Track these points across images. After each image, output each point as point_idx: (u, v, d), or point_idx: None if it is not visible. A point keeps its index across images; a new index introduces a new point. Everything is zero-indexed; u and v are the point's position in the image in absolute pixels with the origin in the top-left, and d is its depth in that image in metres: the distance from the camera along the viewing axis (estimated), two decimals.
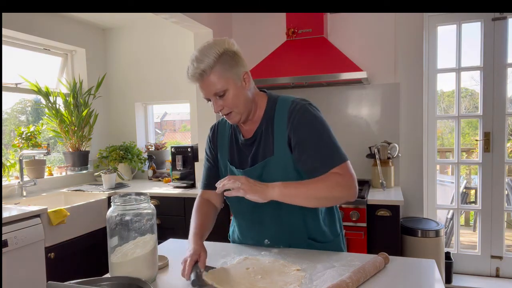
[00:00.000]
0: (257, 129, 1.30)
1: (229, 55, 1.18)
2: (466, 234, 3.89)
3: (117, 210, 1.07)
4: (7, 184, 2.73)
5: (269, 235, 1.33)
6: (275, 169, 1.24)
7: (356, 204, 2.36)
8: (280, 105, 1.28)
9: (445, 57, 2.93)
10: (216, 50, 1.16)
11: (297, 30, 2.77)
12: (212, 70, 1.15)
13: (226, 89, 1.18)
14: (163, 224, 2.77)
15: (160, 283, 1.10)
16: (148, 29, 3.56)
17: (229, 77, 1.18)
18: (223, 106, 1.21)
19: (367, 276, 1.06)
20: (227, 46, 1.19)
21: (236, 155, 1.34)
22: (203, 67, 1.15)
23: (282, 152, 1.24)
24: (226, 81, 1.17)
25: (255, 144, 1.30)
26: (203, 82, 1.18)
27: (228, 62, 1.17)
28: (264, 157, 1.26)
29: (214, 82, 1.16)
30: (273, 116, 1.27)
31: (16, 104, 3.34)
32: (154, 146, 3.64)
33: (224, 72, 1.17)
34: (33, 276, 2.15)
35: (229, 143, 1.37)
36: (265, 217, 1.31)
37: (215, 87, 1.17)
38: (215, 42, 1.19)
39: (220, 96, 1.19)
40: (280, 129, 1.25)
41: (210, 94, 1.19)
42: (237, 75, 1.20)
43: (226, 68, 1.17)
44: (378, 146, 2.74)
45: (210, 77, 1.16)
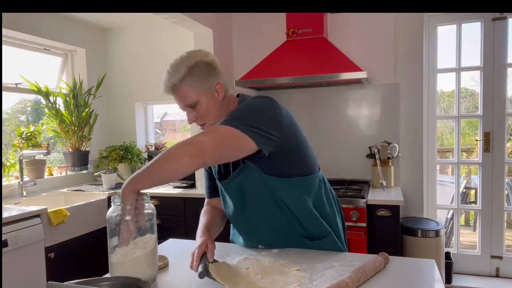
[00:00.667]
0: None
1: (201, 67, 1.19)
2: (466, 234, 3.89)
3: (117, 210, 1.07)
4: (7, 184, 2.73)
5: (262, 241, 1.34)
6: (252, 176, 1.22)
7: (356, 204, 2.37)
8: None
9: (445, 57, 2.93)
10: (187, 63, 1.17)
11: (297, 30, 2.77)
12: (182, 83, 1.17)
13: (197, 101, 1.19)
14: (163, 224, 2.77)
15: (160, 283, 1.10)
16: (148, 29, 3.56)
17: (199, 89, 1.19)
18: (196, 117, 1.23)
19: (367, 276, 1.06)
20: (199, 58, 1.20)
21: (221, 166, 1.33)
22: (174, 80, 1.17)
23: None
24: (197, 93, 1.19)
25: None
26: (176, 95, 1.20)
27: (199, 74, 1.18)
28: (238, 165, 1.24)
29: (185, 94, 1.18)
30: None
31: (16, 104, 3.34)
32: (154, 146, 3.64)
33: (194, 84, 1.18)
34: (33, 276, 2.15)
35: None
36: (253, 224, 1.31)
37: (185, 99, 1.19)
38: (188, 54, 1.21)
39: (192, 107, 1.21)
40: None
41: (183, 106, 1.22)
42: (208, 87, 1.20)
43: (197, 80, 1.18)
44: (378, 146, 2.74)
45: (181, 90, 1.18)
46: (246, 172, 1.23)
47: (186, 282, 1.09)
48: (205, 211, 1.40)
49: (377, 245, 2.37)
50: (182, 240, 1.51)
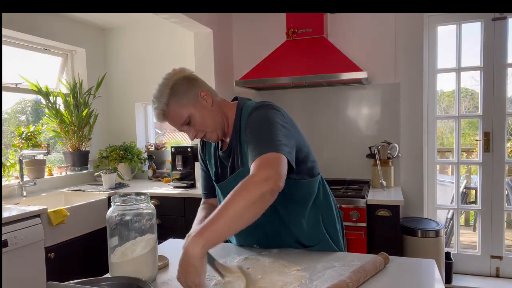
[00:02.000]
0: (230, 140, 1.28)
1: (180, 84, 1.19)
2: (466, 234, 3.89)
3: (117, 210, 1.07)
4: (7, 184, 2.73)
5: (256, 240, 1.34)
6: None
7: (356, 204, 2.37)
8: (244, 114, 1.24)
9: (445, 57, 2.93)
10: (167, 86, 1.19)
11: (297, 30, 2.77)
12: (168, 106, 1.18)
13: (189, 115, 1.19)
14: (163, 224, 2.77)
15: (160, 283, 1.10)
16: (148, 29, 3.56)
17: (186, 103, 1.19)
18: (196, 131, 1.22)
19: (367, 276, 1.06)
20: (176, 76, 1.21)
21: (219, 168, 1.35)
22: (161, 107, 1.18)
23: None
24: (186, 109, 1.19)
25: (231, 156, 1.29)
26: (168, 119, 1.21)
27: (180, 90, 1.19)
28: (235, 170, 1.27)
29: (175, 114, 1.19)
30: (239, 126, 1.25)
31: (16, 104, 3.34)
32: (154, 146, 3.64)
33: (180, 101, 1.18)
34: (33, 276, 2.15)
35: (213, 156, 1.38)
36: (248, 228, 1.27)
37: (178, 119, 1.20)
38: (165, 77, 1.22)
39: (188, 124, 1.21)
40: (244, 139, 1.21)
41: (179, 126, 1.22)
42: (194, 98, 1.20)
43: (181, 97, 1.18)
44: (378, 146, 2.74)
45: (170, 113, 1.19)
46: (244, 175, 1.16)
47: None
48: (202, 208, 1.43)
49: (377, 245, 2.37)
50: (182, 240, 1.49)
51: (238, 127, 1.25)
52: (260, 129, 1.11)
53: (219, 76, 2.99)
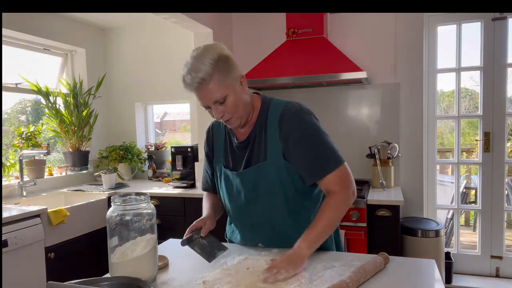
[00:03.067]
0: (251, 132, 1.29)
1: (224, 60, 1.15)
2: (466, 234, 3.89)
3: (117, 210, 1.07)
4: (7, 184, 2.73)
5: (262, 239, 1.34)
6: (268, 173, 1.24)
7: (356, 204, 2.36)
8: (272, 109, 1.26)
9: (445, 57, 2.93)
10: (211, 57, 1.13)
11: (297, 30, 2.77)
12: (211, 78, 1.12)
13: (226, 96, 1.16)
14: (163, 224, 2.77)
15: (160, 283, 1.10)
16: (148, 29, 3.56)
17: (228, 83, 1.15)
18: (223, 112, 1.19)
19: (367, 276, 1.06)
20: (219, 51, 1.16)
21: (230, 157, 1.34)
22: (202, 75, 1.12)
23: (274, 157, 1.24)
24: (226, 88, 1.15)
25: (248, 147, 1.29)
26: (202, 91, 1.15)
27: (224, 67, 1.15)
28: (257, 161, 1.27)
29: (214, 90, 1.14)
30: (266, 121, 1.26)
31: (16, 104, 3.34)
32: (154, 146, 3.64)
33: (223, 78, 1.14)
34: (33, 276, 2.15)
35: (224, 146, 1.37)
36: (256, 220, 1.32)
37: (215, 95, 1.15)
38: (208, 48, 1.16)
39: (220, 103, 1.17)
40: (272, 135, 1.24)
41: (210, 102, 1.17)
42: (235, 80, 1.18)
43: (224, 74, 1.14)
44: (378, 146, 2.74)
45: (209, 86, 1.13)
46: (263, 170, 1.25)
47: (186, 282, 1.09)
48: (208, 195, 1.47)
49: (377, 245, 2.37)
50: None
51: (264, 122, 1.26)
52: (313, 138, 1.22)
53: None
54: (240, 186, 1.29)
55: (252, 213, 1.30)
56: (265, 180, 1.24)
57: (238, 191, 1.31)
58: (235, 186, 1.32)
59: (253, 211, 1.29)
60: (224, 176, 1.35)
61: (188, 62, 1.15)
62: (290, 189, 1.25)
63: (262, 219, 1.30)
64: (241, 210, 1.32)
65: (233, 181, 1.32)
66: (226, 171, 1.34)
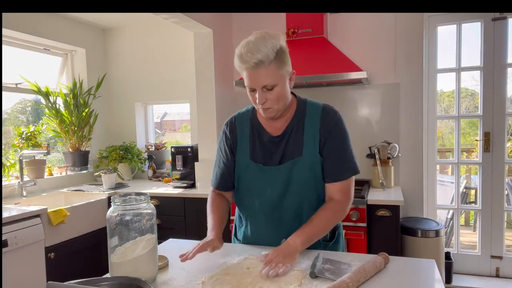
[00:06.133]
0: (287, 127, 1.31)
1: (284, 51, 1.20)
2: (466, 234, 3.89)
3: (117, 210, 1.07)
4: (7, 184, 2.73)
5: (286, 233, 1.30)
6: (303, 168, 1.28)
7: (356, 204, 2.36)
8: (311, 108, 1.32)
9: (445, 57, 2.93)
10: (275, 44, 1.16)
11: (297, 30, 2.77)
12: (270, 63, 1.16)
13: (275, 84, 1.19)
14: (163, 224, 2.77)
15: (160, 283, 1.10)
16: (148, 29, 3.56)
17: (281, 73, 1.19)
18: (267, 99, 1.21)
19: (367, 276, 1.06)
20: (282, 42, 1.20)
21: (259, 151, 1.33)
22: (261, 57, 1.14)
23: (311, 153, 1.28)
24: (278, 77, 1.19)
25: (283, 142, 1.31)
26: (256, 72, 1.17)
27: (282, 58, 1.19)
28: (292, 156, 1.29)
29: (268, 75, 1.17)
30: (303, 117, 1.31)
31: (16, 104, 3.34)
32: (154, 146, 3.64)
33: (279, 67, 1.18)
34: (33, 276, 2.15)
35: (251, 139, 1.34)
36: (286, 215, 1.31)
37: (266, 80, 1.17)
38: (271, 35, 1.18)
39: (268, 90, 1.19)
40: (311, 131, 1.29)
41: (259, 86, 1.19)
42: (287, 73, 1.23)
43: (281, 64, 1.18)
44: (378, 146, 2.74)
45: (265, 69, 1.16)
46: (298, 165, 1.28)
47: (186, 282, 1.09)
48: (214, 200, 1.40)
49: (377, 245, 2.37)
50: (182, 240, 1.51)
51: (302, 118, 1.31)
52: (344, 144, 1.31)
53: (219, 76, 2.99)
54: (273, 181, 1.29)
55: (283, 207, 1.30)
56: (301, 175, 1.28)
57: (269, 185, 1.30)
58: (265, 180, 1.31)
59: (284, 205, 1.30)
60: (251, 170, 1.33)
61: (250, 41, 1.17)
62: (320, 184, 1.30)
63: (293, 213, 1.31)
64: (270, 204, 1.31)
65: (265, 176, 1.30)
66: (256, 165, 1.32)
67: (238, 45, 1.21)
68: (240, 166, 1.35)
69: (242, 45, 1.18)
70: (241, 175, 1.36)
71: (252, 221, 1.38)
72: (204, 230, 1.36)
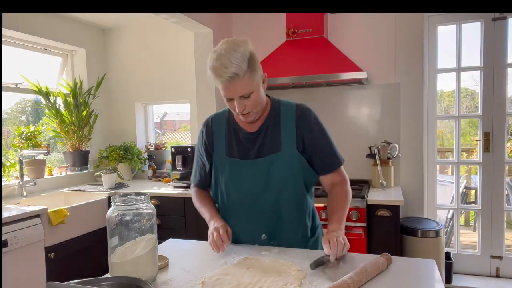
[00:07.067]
0: (262, 125, 1.36)
1: (254, 58, 1.23)
2: (466, 234, 3.89)
3: (117, 210, 1.07)
4: (7, 184, 2.73)
5: (267, 229, 1.35)
6: (282, 164, 1.32)
7: (356, 204, 2.37)
8: (285, 107, 1.37)
9: (445, 57, 2.93)
10: (245, 53, 1.19)
11: (297, 30, 2.77)
12: (245, 73, 1.18)
13: (252, 92, 1.23)
14: (163, 224, 2.77)
15: (160, 283, 1.10)
16: (148, 29, 3.56)
17: (255, 80, 1.23)
18: (245, 106, 1.25)
19: (368, 277, 1.05)
20: (251, 49, 1.22)
21: (236, 148, 1.37)
22: (235, 70, 1.16)
23: (289, 149, 1.32)
24: (254, 85, 1.23)
25: (259, 138, 1.35)
26: (232, 85, 1.19)
27: (254, 66, 1.22)
28: (270, 152, 1.33)
29: (244, 86, 1.20)
30: (278, 116, 1.35)
31: (16, 104, 3.34)
32: (154, 146, 3.64)
33: (252, 76, 1.21)
34: (33, 276, 2.15)
35: (227, 137, 1.39)
36: (265, 209, 1.35)
37: (243, 91, 1.21)
38: (239, 43, 1.20)
39: (245, 98, 1.23)
40: (287, 128, 1.33)
41: (236, 96, 1.22)
42: (260, 78, 1.27)
43: (255, 70, 1.22)
44: (378, 146, 2.74)
45: (241, 81, 1.19)
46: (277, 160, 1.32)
47: (186, 282, 1.09)
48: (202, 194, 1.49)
49: (377, 245, 2.37)
50: (182, 240, 1.51)
51: (277, 116, 1.36)
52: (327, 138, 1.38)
53: None
54: (251, 175, 1.34)
55: (262, 201, 1.34)
56: (279, 169, 1.32)
57: (248, 179, 1.34)
58: (243, 175, 1.35)
59: (263, 199, 1.33)
60: (229, 165, 1.37)
61: (221, 54, 1.18)
62: (299, 179, 1.35)
63: (271, 207, 1.34)
64: (249, 198, 1.35)
65: (242, 170, 1.35)
66: (233, 160, 1.36)
67: (209, 58, 1.22)
68: (217, 164, 1.41)
69: (213, 58, 1.19)
70: (218, 172, 1.41)
71: (231, 217, 1.41)
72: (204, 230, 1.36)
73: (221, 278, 1.09)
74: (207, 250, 1.32)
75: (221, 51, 1.18)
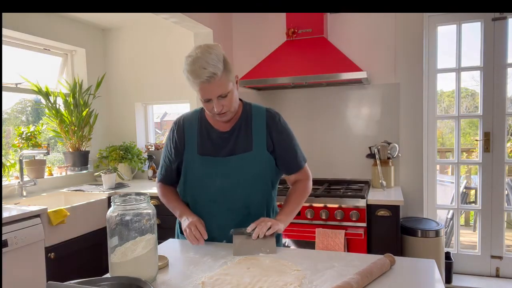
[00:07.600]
0: (235, 125, 1.43)
1: (227, 61, 1.29)
2: (466, 234, 3.89)
3: (117, 210, 1.07)
4: (7, 184, 2.73)
5: (236, 222, 1.42)
6: (253, 162, 1.41)
7: (356, 204, 2.37)
8: (256, 110, 1.46)
9: (445, 57, 2.93)
10: (219, 55, 1.25)
11: (297, 30, 2.77)
12: (222, 74, 1.25)
13: (230, 90, 1.29)
14: (163, 224, 2.77)
15: (160, 283, 1.10)
16: (148, 29, 3.56)
17: (230, 80, 1.30)
18: (223, 106, 1.30)
19: (371, 280, 1.05)
20: (222, 51, 1.29)
21: (208, 146, 1.43)
22: (213, 70, 1.23)
23: (260, 149, 1.41)
24: (230, 84, 1.29)
25: (232, 137, 1.42)
26: (210, 85, 1.25)
27: (228, 67, 1.28)
28: (243, 151, 1.41)
29: (221, 85, 1.26)
30: (250, 117, 1.44)
31: (16, 104, 3.34)
32: (154, 146, 3.64)
33: (228, 75, 1.28)
34: (33, 276, 2.15)
35: (199, 136, 1.44)
36: (235, 205, 1.41)
37: (221, 90, 1.27)
38: (213, 46, 1.28)
39: (223, 97, 1.29)
40: (258, 130, 1.43)
41: (215, 96, 1.27)
42: (233, 78, 1.33)
43: (228, 73, 1.28)
44: (378, 146, 2.74)
45: (219, 80, 1.25)
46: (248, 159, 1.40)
47: (186, 282, 1.09)
48: (170, 190, 1.56)
49: (377, 245, 2.37)
50: (182, 240, 1.51)
51: (250, 117, 1.44)
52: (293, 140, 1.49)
53: None
54: (223, 172, 1.40)
55: (233, 196, 1.40)
56: (250, 167, 1.40)
57: (219, 176, 1.40)
58: (215, 172, 1.40)
59: (234, 195, 1.40)
60: (200, 163, 1.42)
61: (198, 57, 1.24)
62: (268, 177, 1.45)
63: (241, 203, 1.42)
64: (221, 194, 1.41)
65: (216, 167, 1.40)
66: (204, 158, 1.42)
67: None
68: (188, 162, 1.45)
69: (190, 62, 1.25)
70: (189, 170, 1.45)
71: (202, 213, 1.45)
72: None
73: (221, 278, 1.09)
74: (207, 250, 1.32)
75: (196, 54, 1.25)
